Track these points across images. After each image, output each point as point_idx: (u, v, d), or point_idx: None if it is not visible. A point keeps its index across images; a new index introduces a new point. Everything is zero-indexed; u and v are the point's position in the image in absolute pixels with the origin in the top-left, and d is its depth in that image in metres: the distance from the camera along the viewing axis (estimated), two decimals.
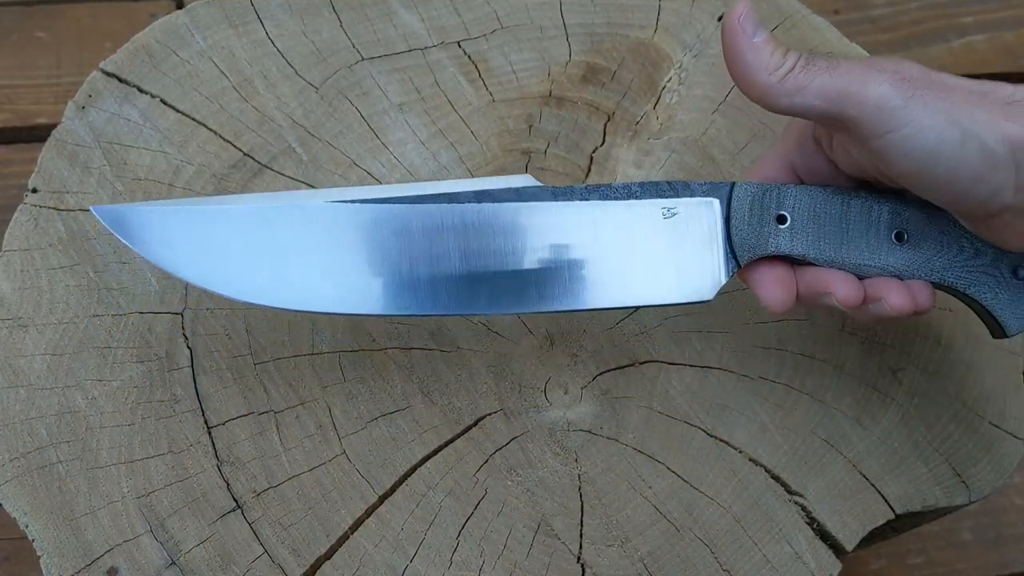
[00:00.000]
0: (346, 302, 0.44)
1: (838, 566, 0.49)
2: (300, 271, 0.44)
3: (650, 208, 0.46)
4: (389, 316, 0.50)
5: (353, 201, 0.45)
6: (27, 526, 0.46)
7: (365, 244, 0.44)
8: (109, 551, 0.45)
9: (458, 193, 0.45)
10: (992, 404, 0.53)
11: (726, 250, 0.46)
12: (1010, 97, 0.40)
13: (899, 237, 0.45)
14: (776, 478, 0.50)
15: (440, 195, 0.45)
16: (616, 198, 0.46)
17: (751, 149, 0.58)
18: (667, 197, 0.46)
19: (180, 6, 0.93)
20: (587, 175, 0.57)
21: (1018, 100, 0.40)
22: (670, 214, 0.46)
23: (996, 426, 0.53)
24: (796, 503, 0.50)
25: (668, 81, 0.60)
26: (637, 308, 0.50)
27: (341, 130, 0.56)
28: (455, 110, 0.58)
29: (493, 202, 0.45)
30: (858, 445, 0.51)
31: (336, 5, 0.60)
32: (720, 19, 0.62)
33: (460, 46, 0.60)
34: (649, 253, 0.45)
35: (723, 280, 0.46)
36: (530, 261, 0.45)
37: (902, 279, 0.45)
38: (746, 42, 0.42)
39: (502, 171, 0.56)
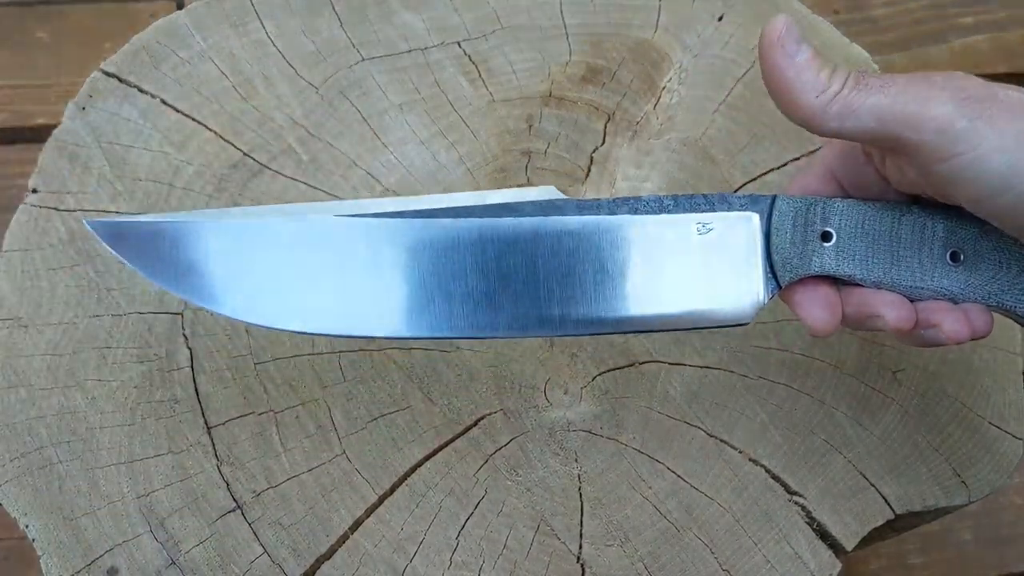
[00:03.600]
0: (357, 324, 0.42)
1: (838, 566, 0.49)
2: (306, 290, 0.42)
3: (684, 223, 0.42)
4: (403, 339, 0.48)
5: (363, 215, 0.42)
6: (27, 526, 0.46)
7: (377, 261, 0.42)
8: (109, 551, 0.45)
9: (476, 207, 0.42)
10: (992, 404, 0.53)
11: (766, 269, 0.42)
12: None
13: (954, 257, 0.42)
14: (776, 478, 0.50)
15: (458, 208, 0.42)
16: (647, 212, 0.42)
17: (751, 149, 0.58)
18: (702, 211, 0.42)
19: (180, 6, 0.93)
20: (587, 175, 0.57)
21: None
22: (705, 230, 0.42)
23: (996, 426, 0.53)
24: (796, 503, 0.50)
25: (668, 81, 0.60)
26: (671, 330, 0.46)
27: (341, 130, 0.56)
28: (455, 110, 0.58)
29: (514, 216, 0.42)
30: (858, 445, 0.51)
31: (336, 5, 0.60)
32: (720, 19, 0.62)
33: (460, 46, 0.60)
34: (682, 272, 0.42)
35: (763, 301, 0.43)
36: (552, 281, 0.42)
37: (956, 302, 0.42)
38: (788, 60, 0.39)
39: (502, 171, 0.56)
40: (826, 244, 0.42)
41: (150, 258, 0.42)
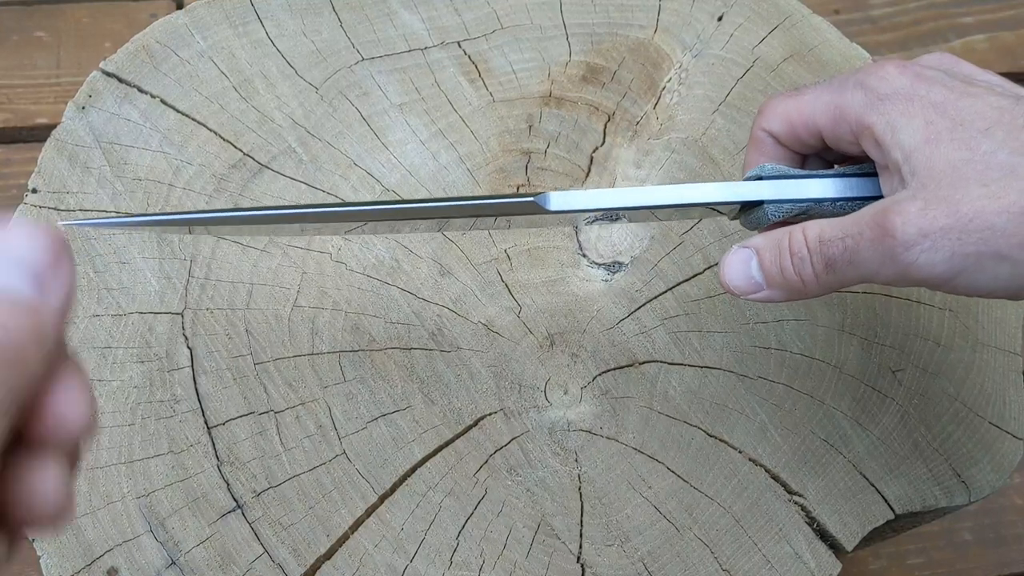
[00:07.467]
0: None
1: (838, 566, 0.49)
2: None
3: None
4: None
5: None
6: None
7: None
8: (109, 551, 0.45)
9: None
10: (992, 404, 0.53)
11: None
12: None
13: None
14: (776, 478, 0.50)
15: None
16: None
17: None
18: None
19: (180, 6, 0.93)
20: (587, 175, 0.57)
21: None
22: None
23: (996, 426, 0.53)
24: (796, 503, 0.50)
25: (668, 81, 0.60)
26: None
27: (341, 130, 0.56)
28: (455, 110, 0.58)
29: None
30: (858, 445, 0.51)
31: (336, 5, 0.60)
32: (720, 19, 0.62)
33: (460, 46, 0.60)
34: None
35: None
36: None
37: None
38: (760, 296, 0.44)
39: (501, 171, 0.56)
40: None
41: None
